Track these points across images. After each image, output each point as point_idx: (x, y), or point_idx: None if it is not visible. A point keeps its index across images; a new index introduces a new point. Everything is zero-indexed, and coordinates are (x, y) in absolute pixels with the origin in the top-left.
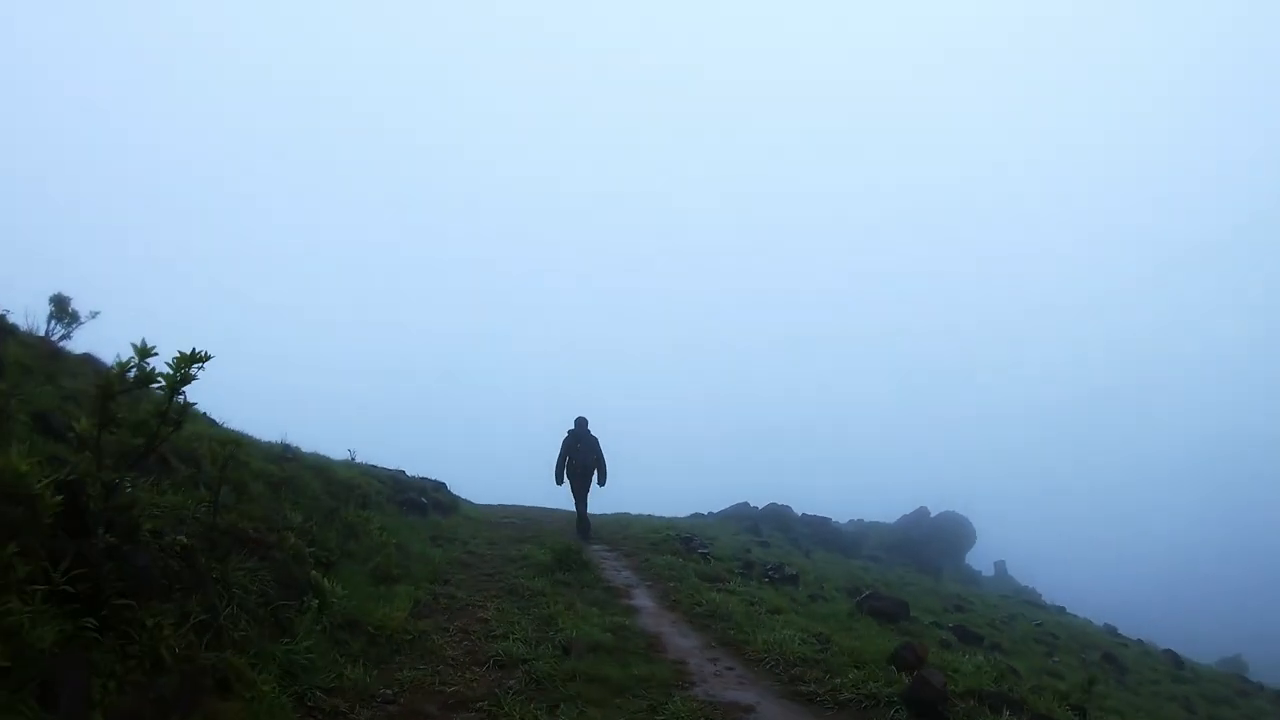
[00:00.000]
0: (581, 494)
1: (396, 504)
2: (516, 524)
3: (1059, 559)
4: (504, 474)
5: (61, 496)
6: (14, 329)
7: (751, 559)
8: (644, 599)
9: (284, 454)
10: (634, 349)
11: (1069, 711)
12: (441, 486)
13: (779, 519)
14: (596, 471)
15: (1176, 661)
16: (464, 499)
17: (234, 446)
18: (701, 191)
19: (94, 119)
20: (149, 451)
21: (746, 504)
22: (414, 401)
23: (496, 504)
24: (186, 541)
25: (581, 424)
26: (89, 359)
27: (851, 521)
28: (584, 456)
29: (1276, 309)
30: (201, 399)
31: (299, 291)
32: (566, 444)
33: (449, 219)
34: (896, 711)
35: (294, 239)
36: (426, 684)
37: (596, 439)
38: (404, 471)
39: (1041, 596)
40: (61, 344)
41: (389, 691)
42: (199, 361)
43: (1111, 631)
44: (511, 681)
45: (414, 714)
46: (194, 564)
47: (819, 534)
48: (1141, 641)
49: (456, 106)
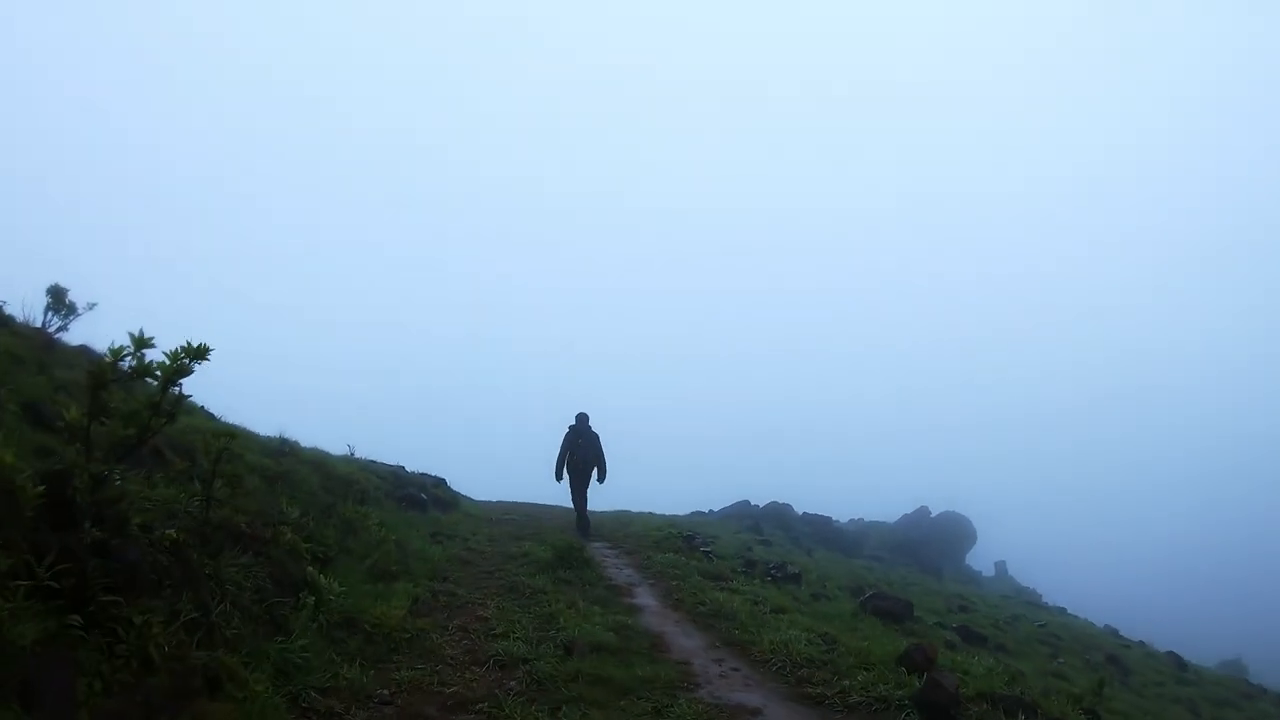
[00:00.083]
0: (581, 491)
1: (396, 500)
2: (517, 521)
3: (1058, 560)
4: (504, 473)
5: (44, 488)
6: (9, 320)
7: (753, 557)
8: (646, 598)
9: (282, 448)
10: (634, 348)
11: (1081, 715)
12: (441, 483)
13: (780, 518)
14: (596, 468)
15: (1179, 664)
16: (464, 495)
17: (228, 439)
18: (702, 192)
19: (94, 119)
20: (140, 443)
21: (747, 502)
22: (414, 401)
23: (496, 501)
24: (176, 536)
25: (582, 420)
26: (85, 350)
27: (852, 521)
28: (585, 453)
29: (1277, 311)
30: (203, 397)
31: (299, 291)
32: (567, 440)
33: (448, 219)
34: (908, 715)
35: (294, 239)
36: (425, 684)
37: (597, 435)
38: (404, 467)
39: (1042, 597)
40: (58, 336)
41: (386, 692)
42: (199, 356)
43: (1113, 633)
44: (512, 682)
45: (412, 715)
46: (185, 559)
47: (820, 533)
48: (1143, 643)
49: (456, 107)
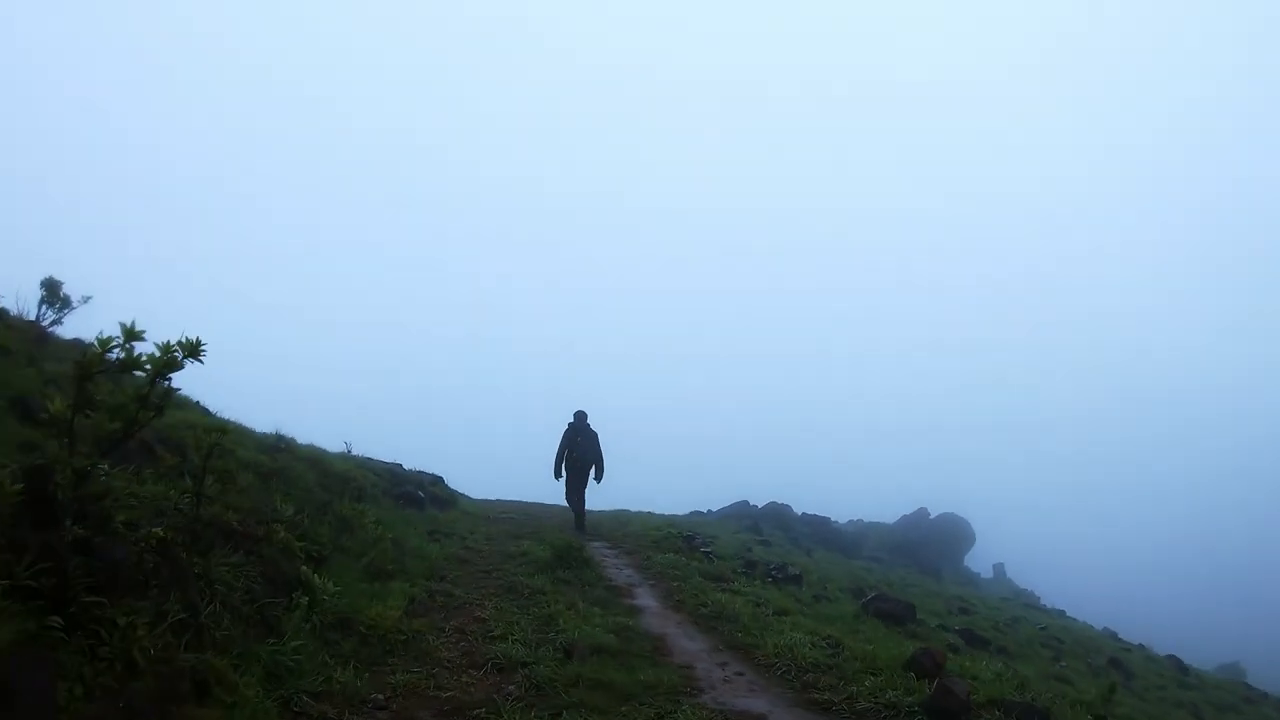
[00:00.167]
0: (579, 489)
1: (393, 497)
2: (515, 519)
3: (1056, 563)
4: (504, 472)
5: (24, 484)
6: (2, 313)
7: (754, 558)
8: (647, 598)
9: (278, 445)
10: (634, 348)
11: None
12: (439, 480)
13: (779, 518)
14: (594, 467)
15: (1181, 667)
16: (462, 494)
17: (220, 434)
18: (702, 192)
19: (94, 119)
20: (127, 438)
21: (746, 502)
22: (414, 400)
23: (495, 499)
24: (162, 534)
25: (581, 418)
26: (78, 344)
27: (851, 522)
28: (583, 451)
29: (1276, 315)
30: (203, 394)
31: (299, 291)
32: (566, 437)
33: (448, 219)
34: None
35: (294, 239)
36: (420, 688)
37: (596, 434)
38: (401, 465)
39: (1040, 599)
40: (51, 329)
41: (380, 696)
42: (192, 351)
43: (1113, 636)
44: (511, 686)
45: None
46: (173, 558)
47: (819, 533)
48: (1143, 646)
49: (456, 107)
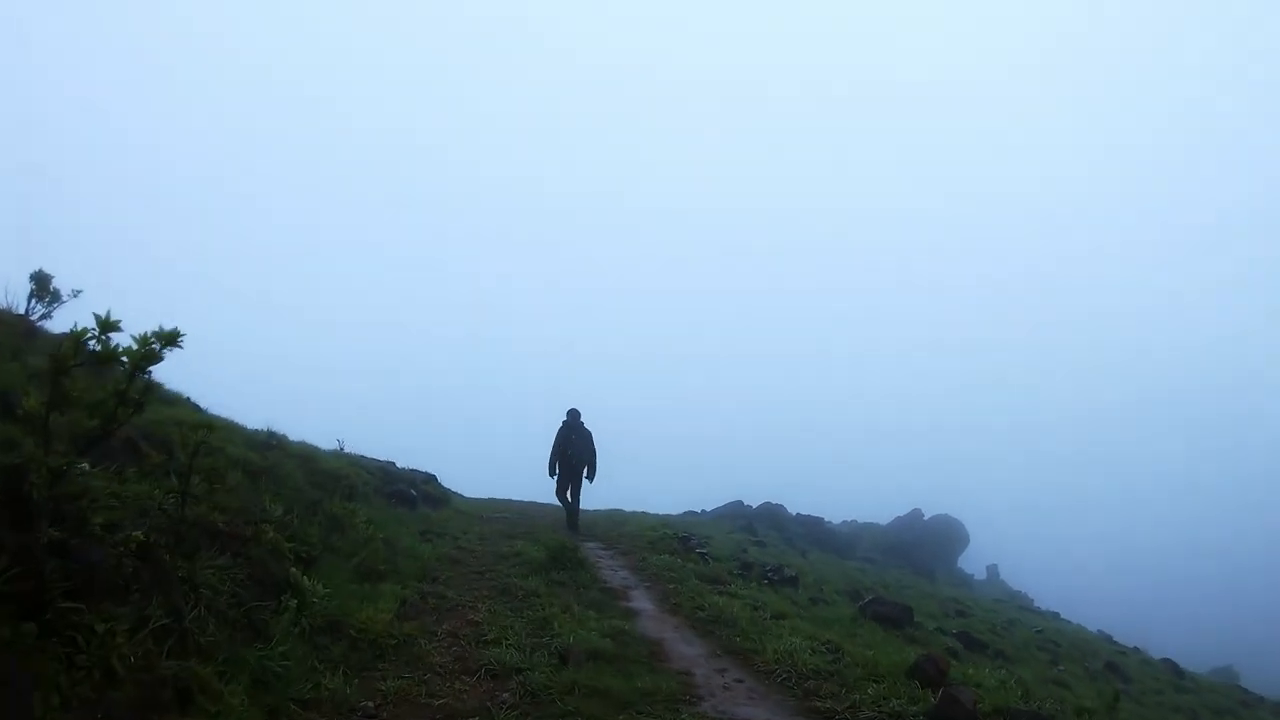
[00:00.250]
0: (574, 488)
1: (385, 496)
2: (509, 519)
3: (1049, 565)
4: (503, 471)
5: None
6: None
7: (749, 559)
8: (643, 601)
9: (269, 442)
10: (632, 348)
11: None
12: (432, 479)
13: (773, 518)
14: (587, 466)
15: (1176, 671)
16: (455, 492)
17: (206, 432)
18: (702, 192)
19: (94, 118)
20: (105, 435)
21: (741, 502)
22: (413, 400)
23: (488, 498)
24: (143, 537)
25: (574, 416)
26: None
27: (845, 522)
28: (577, 449)
29: (1273, 321)
30: (199, 393)
31: (299, 291)
32: (560, 436)
33: (448, 219)
34: None
35: (293, 238)
36: (412, 695)
37: (590, 433)
38: (394, 463)
39: (1034, 601)
40: (40, 323)
41: (370, 704)
42: (170, 341)
43: (1108, 639)
44: (505, 694)
45: None
46: (156, 561)
47: (813, 534)
48: (1138, 649)
49: (456, 107)
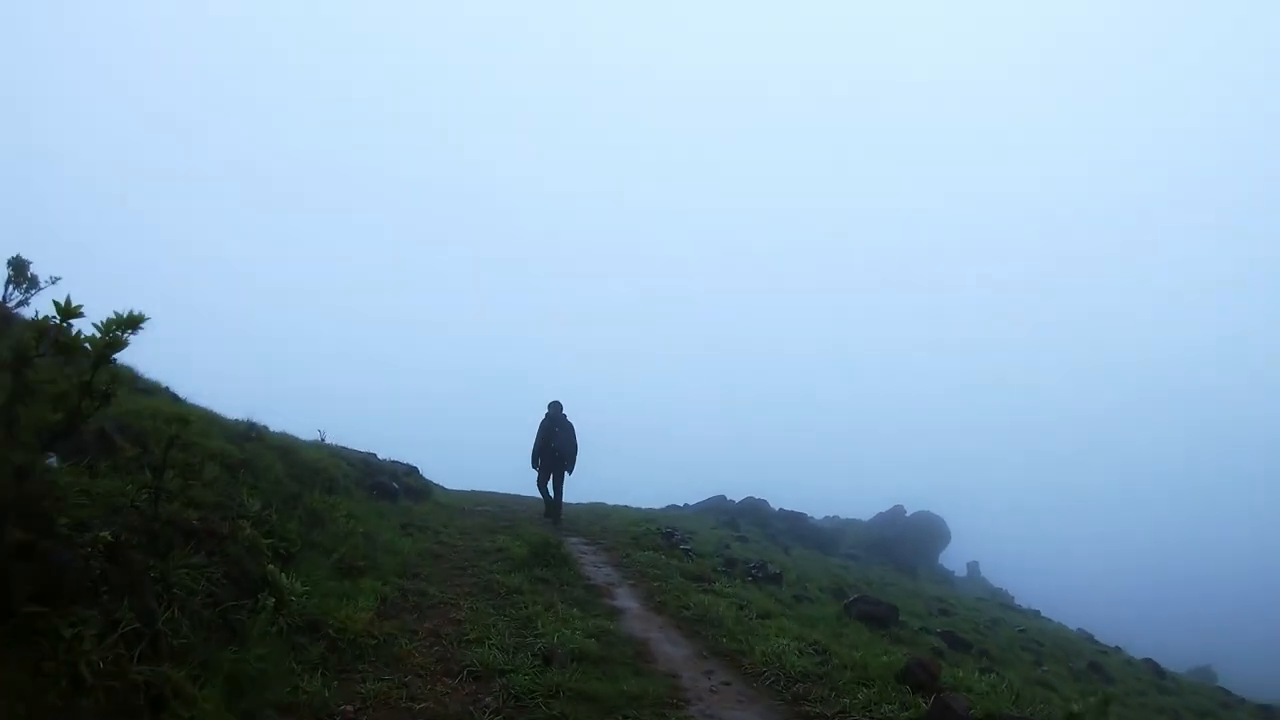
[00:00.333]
0: (557, 480)
1: (366, 488)
2: (491, 512)
3: (1031, 563)
4: (484, 464)
5: None
6: None
7: (733, 555)
8: (627, 599)
9: (248, 433)
10: (632, 347)
11: None
12: (414, 471)
13: (756, 513)
14: (569, 458)
15: (1158, 671)
16: (437, 484)
17: (181, 425)
18: (702, 192)
19: (120, 104)
20: (71, 429)
21: (723, 497)
22: (407, 394)
23: (470, 490)
24: (113, 537)
25: (556, 408)
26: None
27: (827, 518)
28: (561, 441)
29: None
30: (177, 380)
31: (299, 288)
32: (543, 428)
33: (449, 218)
34: None
35: (294, 237)
36: (392, 699)
37: (573, 425)
38: (375, 454)
39: (1014, 599)
40: (17, 310)
41: (350, 708)
42: (132, 325)
43: (1089, 638)
44: (488, 698)
45: None
46: (127, 562)
47: (796, 529)
48: (1119, 649)
49: (456, 106)
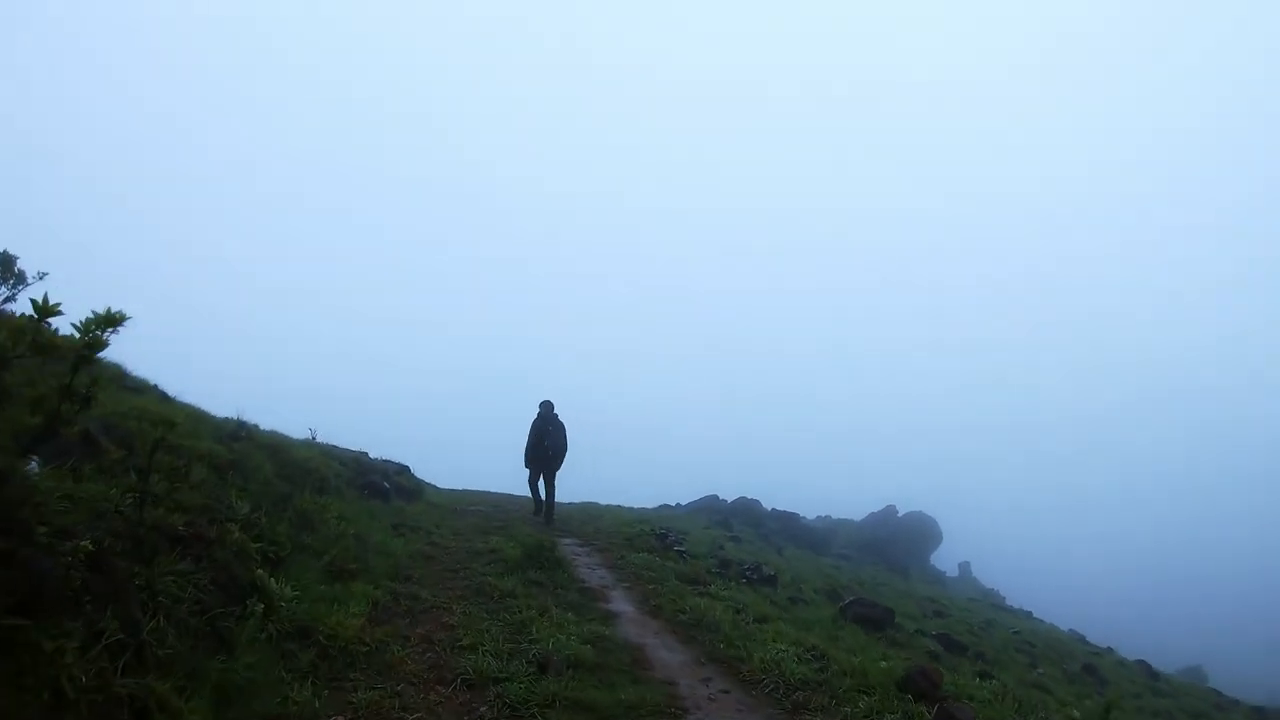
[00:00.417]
0: (549, 479)
1: (357, 488)
2: (484, 512)
3: (1023, 563)
4: (476, 463)
5: None
6: None
7: (727, 557)
8: (623, 603)
9: (237, 432)
10: (633, 347)
11: None
12: (405, 470)
13: (749, 513)
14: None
15: (1151, 673)
16: (429, 484)
17: (167, 427)
18: (702, 192)
19: (121, 104)
20: (50, 432)
21: (716, 497)
22: (388, 389)
23: (462, 489)
24: (94, 545)
25: (548, 408)
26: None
27: (819, 518)
28: (553, 440)
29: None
30: (189, 388)
31: (297, 287)
32: (536, 428)
33: (447, 218)
34: None
35: (294, 238)
36: (384, 708)
37: (564, 425)
38: (367, 453)
39: (1006, 599)
40: (3, 305)
41: (340, 718)
42: (112, 324)
43: (1081, 639)
44: (482, 707)
45: None
46: (110, 570)
47: (788, 529)
48: (1111, 650)
49: (456, 106)
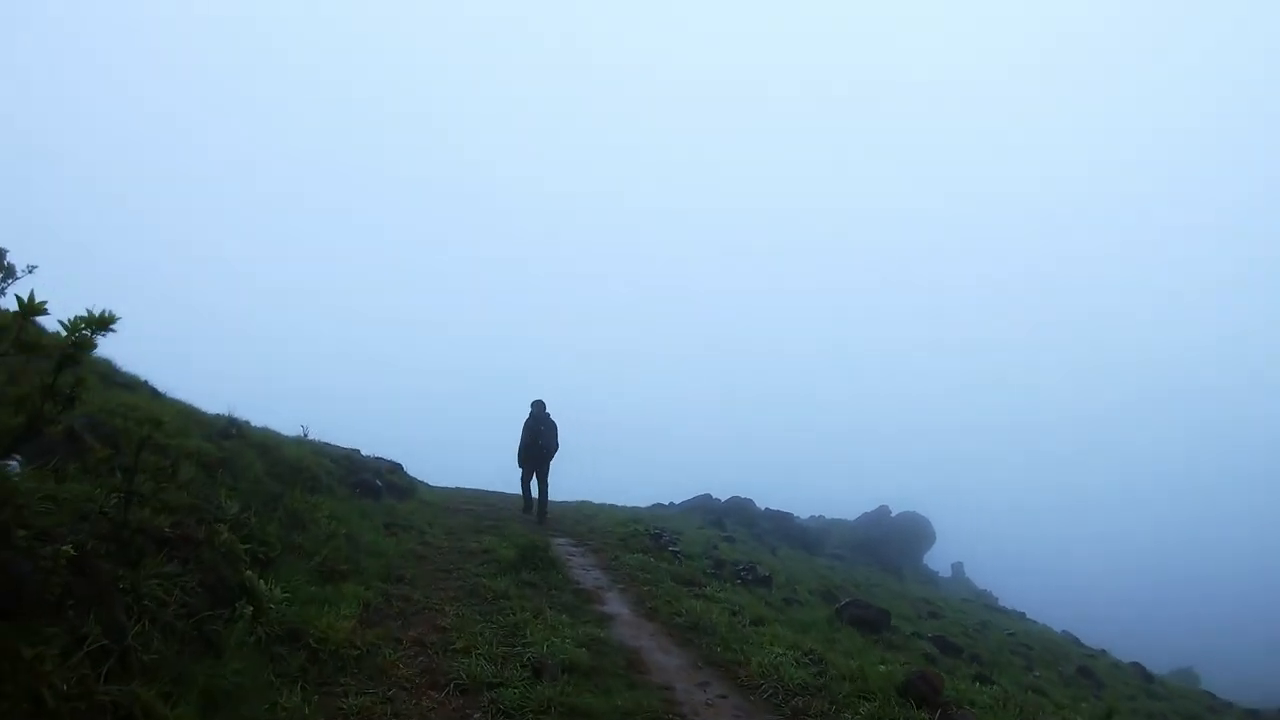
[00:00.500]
0: (541, 478)
1: (349, 486)
2: (476, 511)
3: (1017, 564)
4: (469, 461)
5: None
6: None
7: (721, 557)
8: (618, 605)
9: (228, 429)
10: (634, 347)
11: None
12: (398, 468)
13: (742, 513)
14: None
15: (1145, 676)
16: (421, 482)
17: (154, 426)
18: (702, 192)
19: (121, 104)
20: (32, 432)
21: (709, 496)
22: (382, 387)
23: (455, 488)
24: (73, 551)
25: (540, 407)
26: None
27: (813, 517)
28: (546, 439)
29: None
30: (189, 388)
31: (298, 284)
32: (529, 427)
33: (447, 217)
34: None
35: (300, 227)
36: (376, 714)
37: (556, 424)
38: (359, 451)
39: (999, 600)
40: None
41: None
42: (102, 326)
43: (1075, 641)
44: (476, 714)
45: None
46: (93, 573)
47: (782, 529)
48: (1105, 652)
49: (456, 106)
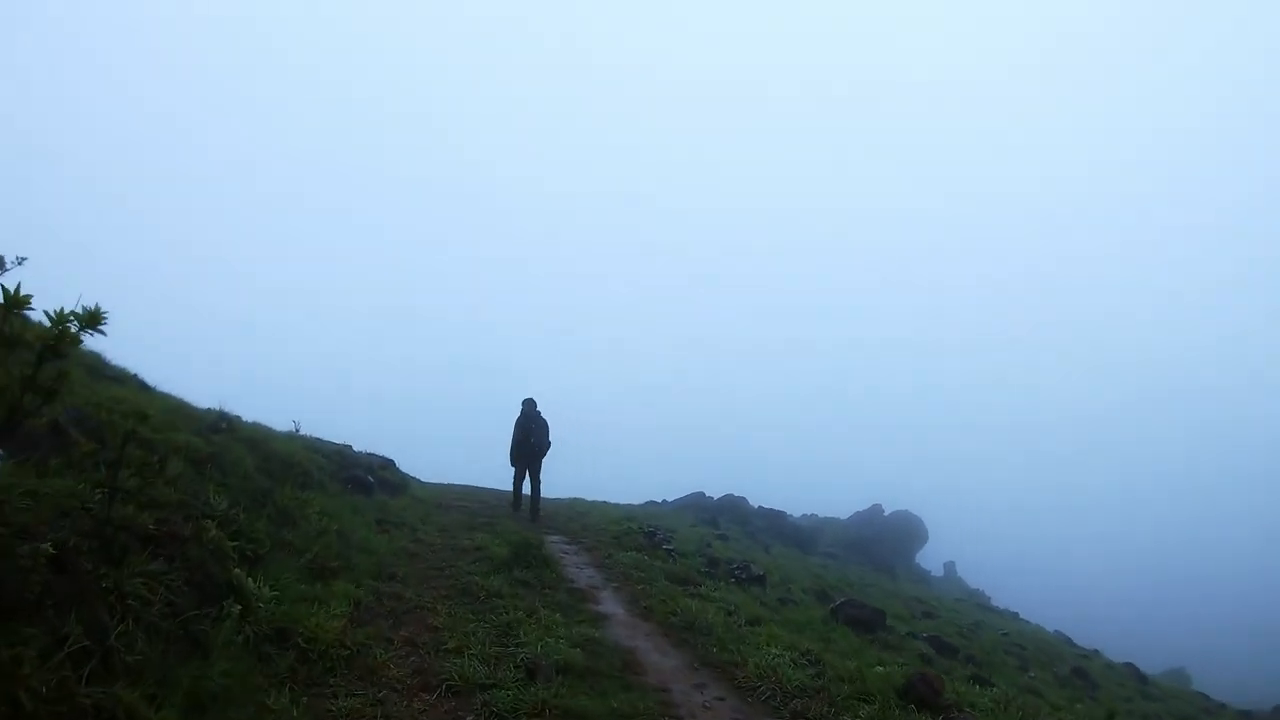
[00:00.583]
0: (534, 475)
1: (340, 482)
2: (469, 508)
3: (1011, 563)
4: (463, 457)
5: None
6: None
7: (715, 555)
8: (612, 604)
9: (218, 424)
10: (634, 347)
11: None
12: (390, 464)
13: (735, 511)
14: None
15: (1139, 676)
16: (414, 478)
17: (139, 420)
18: (702, 192)
19: (121, 103)
20: (11, 426)
21: (702, 494)
22: (374, 382)
23: (447, 484)
24: (53, 550)
25: (531, 405)
26: None
27: (805, 516)
28: (538, 437)
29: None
30: (189, 388)
31: (296, 283)
32: (520, 426)
33: (447, 217)
34: None
35: (300, 227)
36: (366, 716)
37: (547, 422)
38: (351, 446)
39: (991, 599)
40: None
41: None
42: (92, 323)
43: (1067, 641)
44: (469, 717)
45: None
46: (75, 572)
47: (775, 527)
48: (1098, 652)
49: (456, 106)
